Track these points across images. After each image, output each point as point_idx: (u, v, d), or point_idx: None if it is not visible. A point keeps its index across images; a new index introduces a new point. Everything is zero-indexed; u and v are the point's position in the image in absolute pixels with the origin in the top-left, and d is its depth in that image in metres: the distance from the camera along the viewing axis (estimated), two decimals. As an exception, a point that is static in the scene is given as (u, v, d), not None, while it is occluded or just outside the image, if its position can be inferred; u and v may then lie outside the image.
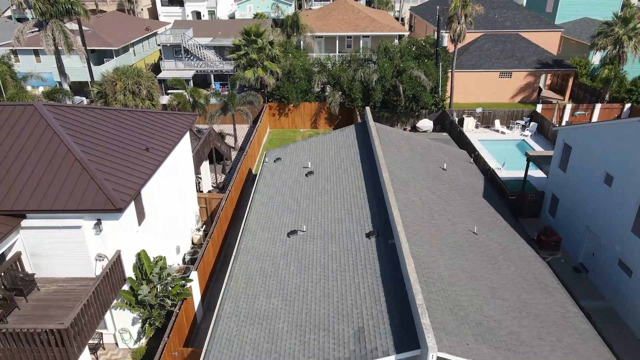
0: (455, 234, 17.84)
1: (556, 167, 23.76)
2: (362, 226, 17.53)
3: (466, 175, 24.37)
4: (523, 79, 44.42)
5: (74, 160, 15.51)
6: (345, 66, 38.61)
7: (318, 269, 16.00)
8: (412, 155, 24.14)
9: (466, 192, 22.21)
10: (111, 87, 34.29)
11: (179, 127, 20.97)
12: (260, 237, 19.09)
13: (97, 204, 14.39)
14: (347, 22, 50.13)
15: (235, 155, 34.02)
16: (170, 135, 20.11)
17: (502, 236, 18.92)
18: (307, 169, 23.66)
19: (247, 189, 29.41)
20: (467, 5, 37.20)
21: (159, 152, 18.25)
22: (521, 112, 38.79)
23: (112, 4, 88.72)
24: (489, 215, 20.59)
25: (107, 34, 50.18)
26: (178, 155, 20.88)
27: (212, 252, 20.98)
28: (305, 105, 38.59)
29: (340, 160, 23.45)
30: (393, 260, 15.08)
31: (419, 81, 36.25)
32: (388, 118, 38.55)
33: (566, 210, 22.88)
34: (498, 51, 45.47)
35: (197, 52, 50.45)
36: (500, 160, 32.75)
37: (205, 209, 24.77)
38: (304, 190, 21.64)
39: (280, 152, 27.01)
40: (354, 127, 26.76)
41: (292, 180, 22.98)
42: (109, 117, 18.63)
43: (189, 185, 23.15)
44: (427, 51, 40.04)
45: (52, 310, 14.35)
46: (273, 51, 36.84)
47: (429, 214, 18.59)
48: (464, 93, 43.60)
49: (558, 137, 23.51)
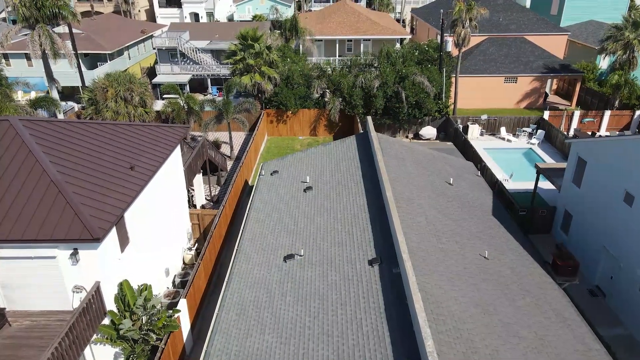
0: (464, 259, 16.51)
1: (569, 181, 22.43)
2: (364, 251, 16.20)
3: (473, 190, 23.04)
4: (529, 84, 43.10)
5: (49, 182, 14.18)
6: (345, 71, 37.28)
7: (317, 301, 14.67)
8: (416, 169, 22.81)
9: (474, 210, 20.87)
10: (102, 93, 32.97)
11: (168, 141, 19.64)
12: (255, 261, 17.76)
13: (73, 233, 13.05)
14: (348, 25, 48.80)
15: (231, 165, 32.69)
16: (158, 150, 18.78)
17: (514, 260, 17.58)
18: (306, 183, 22.34)
19: (243, 202, 28.11)
20: (471, 8, 35.90)
21: (145, 171, 16.92)
22: (527, 119, 37.46)
23: (108, 5, 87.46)
24: (499, 236, 19.26)
25: (101, 37, 48.85)
26: (168, 170, 19.56)
27: (204, 275, 19.64)
28: (304, 112, 37.27)
29: (341, 174, 22.12)
30: (398, 293, 13.76)
31: (422, 87, 34.93)
32: (390, 125, 37.22)
33: (580, 228, 21.55)
34: (503, 55, 44.14)
35: (193, 55, 49.15)
36: (508, 171, 31.42)
37: (198, 225, 23.43)
38: (302, 208, 20.31)
39: (277, 164, 25.68)
40: (354, 138, 25.43)
41: (290, 197, 21.65)
42: (91, 132, 17.29)
43: (180, 201, 21.83)
44: (430, 56, 38.72)
45: (23, 350, 13.02)
46: (271, 56, 35.51)
47: (436, 237, 17.26)
48: (467, 98, 42.27)
49: (571, 150, 22.19)
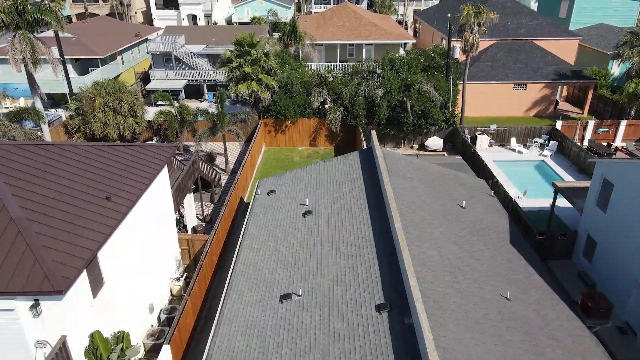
0: (484, 301, 14.62)
1: (593, 204, 20.52)
2: (370, 293, 14.31)
3: (488, 213, 21.15)
4: (539, 91, 41.20)
5: (8, 220, 12.30)
6: (347, 79, 35.36)
7: (317, 355, 12.77)
8: (425, 190, 20.91)
9: (491, 238, 18.98)
10: (89, 103, 31.16)
11: (153, 163, 17.75)
12: (248, 299, 15.86)
13: (32, 284, 11.17)
14: (349, 29, 46.90)
15: (226, 179, 30.78)
16: (142, 174, 16.90)
17: (539, 300, 15.69)
18: (305, 206, 20.47)
19: (238, 221, 26.21)
20: (480, 13, 34.00)
21: (124, 201, 15.03)
22: (539, 129, 35.55)
23: (104, 7, 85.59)
24: (519, 269, 17.36)
25: (92, 42, 46.94)
26: (153, 195, 17.68)
27: (192, 312, 17.73)
28: (304, 121, 35.37)
29: (343, 197, 20.23)
30: (411, 350, 11.87)
31: (428, 96, 33.02)
32: (394, 136, 35.32)
33: (607, 257, 19.65)
34: (511, 61, 42.24)
35: (189, 60, 47.28)
36: (520, 186, 29.52)
37: (188, 251, 21.54)
38: (300, 236, 18.42)
39: (274, 182, 23.80)
40: (358, 155, 23.55)
41: (288, 222, 19.76)
42: (65, 155, 15.41)
43: (167, 227, 19.94)
44: (436, 62, 36.82)
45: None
46: (269, 63, 33.62)
47: (451, 274, 15.37)
48: (475, 106, 40.39)
49: (595, 171, 20.28)
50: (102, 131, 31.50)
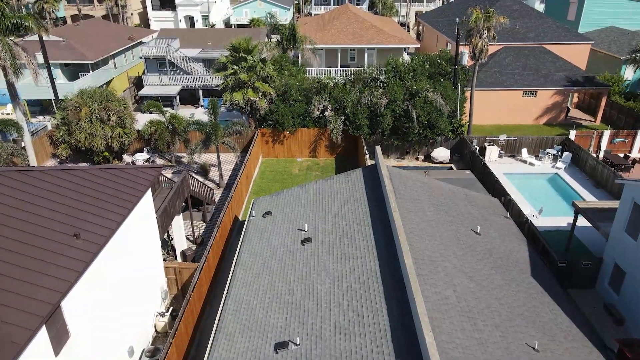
0: (509, 354, 12.71)
1: (622, 230, 18.63)
2: (378, 345, 12.40)
3: (504, 239, 19.25)
4: (549, 98, 39.29)
5: (-47, 268, 10.39)
6: (349, 87, 33.45)
7: None
8: (436, 214, 19.01)
9: (510, 270, 17.08)
10: (75, 113, 29.28)
11: (134, 190, 15.85)
12: (239, 346, 13.97)
13: (-27, 352, 9.26)
14: (351, 33, 44.98)
15: (220, 194, 28.87)
16: (120, 203, 15.01)
17: (570, 349, 13.78)
18: (303, 232, 18.60)
19: (232, 241, 24.34)
20: (490, 17, 32.11)
21: (97, 237, 13.13)
22: (552, 139, 33.63)
23: (100, 9, 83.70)
24: (545, 308, 15.45)
25: (83, 45, 45.05)
26: (134, 224, 15.80)
27: (176, 356, 15.82)
28: (303, 131, 33.46)
29: (346, 222, 18.34)
30: None
31: (435, 105, 31.12)
32: (398, 147, 33.42)
33: (637, 289, 17.74)
34: (520, 66, 40.34)
35: (183, 65, 45.39)
36: (534, 202, 27.64)
37: (175, 280, 19.64)
38: (298, 269, 16.54)
39: (270, 202, 21.91)
40: (361, 173, 21.63)
41: (284, 250, 17.88)
42: (28, 183, 13.50)
43: (152, 256, 18.04)
44: (442, 69, 34.93)
45: None
46: (266, 70, 31.71)
47: (471, 320, 13.46)
48: (482, 114, 38.48)
49: (624, 194, 18.38)
50: (88, 142, 29.61)
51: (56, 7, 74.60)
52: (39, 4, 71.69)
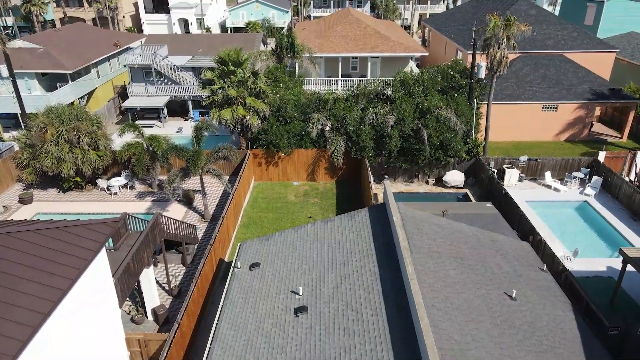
0: None
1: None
2: None
3: (545, 303, 15.68)
4: (572, 112, 35.74)
5: None
6: (351, 103, 29.88)
7: None
8: (461, 274, 15.44)
9: (558, 351, 13.53)
10: (39, 134, 25.75)
11: (80, 252, 12.31)
12: None
13: None
14: (353, 40, 41.41)
15: (205, 227, 25.31)
16: (60, 272, 11.48)
17: None
18: (297, 297, 15.08)
19: (216, 291, 20.79)
20: (511, 25, 28.59)
21: (23, 328, 9.59)
22: (578, 160, 30.04)
23: (89, 11, 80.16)
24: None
25: (62, 53, 41.46)
26: (79, 295, 12.27)
27: None
28: (300, 152, 29.88)
29: (350, 285, 14.81)
30: None
31: (448, 125, 27.58)
32: (406, 170, 29.86)
33: None
34: (539, 77, 36.78)
35: (172, 74, 41.85)
36: (562, 235, 24.17)
37: (140, 354, 16.08)
38: (290, 353, 12.99)
39: (259, 248, 18.38)
40: (367, 215, 18.11)
41: (273, 322, 14.34)
42: None
43: (108, 328, 14.48)
44: (456, 82, 31.38)
45: None
46: (258, 85, 28.16)
47: None
48: (497, 129, 34.88)
49: (695, 251, 14.83)
50: (55, 167, 26.08)
51: (44, 10, 71.19)
52: (26, 6, 68.42)
